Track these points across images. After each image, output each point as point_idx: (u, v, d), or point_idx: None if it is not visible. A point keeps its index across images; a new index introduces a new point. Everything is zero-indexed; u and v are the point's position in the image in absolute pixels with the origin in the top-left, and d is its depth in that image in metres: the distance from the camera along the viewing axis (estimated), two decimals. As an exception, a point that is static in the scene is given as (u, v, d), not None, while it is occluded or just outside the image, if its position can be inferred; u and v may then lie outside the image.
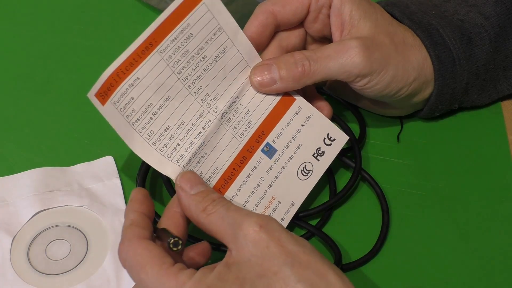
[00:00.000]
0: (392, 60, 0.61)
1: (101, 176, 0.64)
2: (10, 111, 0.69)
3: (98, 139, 0.67)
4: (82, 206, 0.63)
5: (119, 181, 0.64)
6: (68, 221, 0.62)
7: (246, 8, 0.72)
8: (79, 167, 0.65)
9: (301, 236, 0.61)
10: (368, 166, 0.66)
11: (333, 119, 0.66)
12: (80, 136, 0.67)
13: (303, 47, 0.65)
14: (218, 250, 0.58)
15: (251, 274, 0.48)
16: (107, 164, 0.65)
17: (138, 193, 0.54)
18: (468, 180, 0.66)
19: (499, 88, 0.68)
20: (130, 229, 0.52)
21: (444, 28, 0.64)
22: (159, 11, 0.75)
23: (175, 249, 0.51)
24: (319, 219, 0.63)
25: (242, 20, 0.63)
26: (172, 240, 0.51)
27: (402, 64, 0.62)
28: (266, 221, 0.50)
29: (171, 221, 0.54)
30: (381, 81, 0.61)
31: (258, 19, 0.62)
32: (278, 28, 0.63)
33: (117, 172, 0.65)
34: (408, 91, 0.63)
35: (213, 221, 0.52)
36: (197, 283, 0.48)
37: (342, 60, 0.60)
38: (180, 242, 0.51)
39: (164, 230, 0.53)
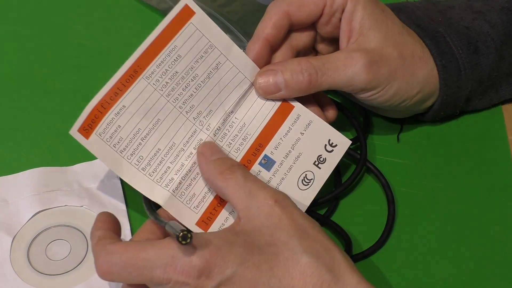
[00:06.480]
0: (398, 75, 0.61)
1: (101, 176, 0.64)
2: (10, 111, 0.69)
3: (98, 139, 0.67)
4: (82, 206, 0.63)
5: (119, 181, 0.64)
6: (68, 221, 0.62)
7: (246, 8, 0.72)
8: (79, 167, 0.65)
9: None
10: (368, 166, 0.66)
11: (338, 108, 0.65)
12: (80, 136, 0.67)
13: (312, 46, 0.64)
14: None
15: (260, 242, 0.50)
16: (107, 164, 0.65)
17: (102, 215, 0.55)
18: (468, 180, 0.66)
19: (500, 93, 0.68)
20: (100, 243, 0.51)
21: (451, 36, 0.63)
22: (159, 11, 0.75)
23: (184, 242, 0.47)
24: (325, 209, 0.63)
25: (242, 20, 0.63)
26: (181, 233, 0.47)
27: (408, 79, 0.61)
28: (280, 197, 0.53)
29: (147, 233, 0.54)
30: (384, 94, 0.61)
31: (273, 20, 0.60)
32: (290, 28, 0.61)
33: (117, 172, 0.65)
34: (411, 103, 0.63)
35: (230, 186, 0.53)
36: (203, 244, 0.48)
37: (349, 74, 0.59)
38: (189, 235, 0.47)
39: (173, 223, 0.50)
